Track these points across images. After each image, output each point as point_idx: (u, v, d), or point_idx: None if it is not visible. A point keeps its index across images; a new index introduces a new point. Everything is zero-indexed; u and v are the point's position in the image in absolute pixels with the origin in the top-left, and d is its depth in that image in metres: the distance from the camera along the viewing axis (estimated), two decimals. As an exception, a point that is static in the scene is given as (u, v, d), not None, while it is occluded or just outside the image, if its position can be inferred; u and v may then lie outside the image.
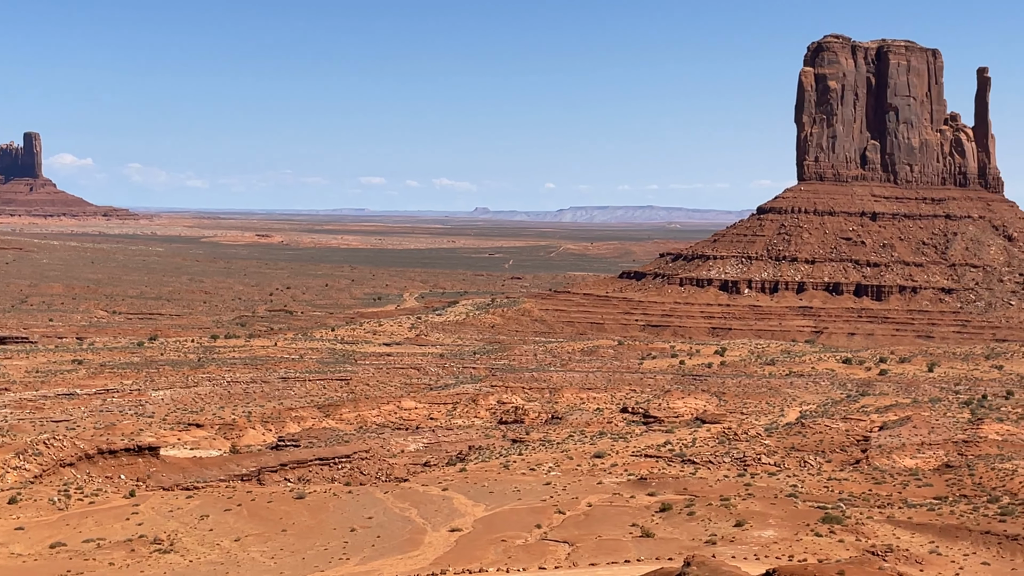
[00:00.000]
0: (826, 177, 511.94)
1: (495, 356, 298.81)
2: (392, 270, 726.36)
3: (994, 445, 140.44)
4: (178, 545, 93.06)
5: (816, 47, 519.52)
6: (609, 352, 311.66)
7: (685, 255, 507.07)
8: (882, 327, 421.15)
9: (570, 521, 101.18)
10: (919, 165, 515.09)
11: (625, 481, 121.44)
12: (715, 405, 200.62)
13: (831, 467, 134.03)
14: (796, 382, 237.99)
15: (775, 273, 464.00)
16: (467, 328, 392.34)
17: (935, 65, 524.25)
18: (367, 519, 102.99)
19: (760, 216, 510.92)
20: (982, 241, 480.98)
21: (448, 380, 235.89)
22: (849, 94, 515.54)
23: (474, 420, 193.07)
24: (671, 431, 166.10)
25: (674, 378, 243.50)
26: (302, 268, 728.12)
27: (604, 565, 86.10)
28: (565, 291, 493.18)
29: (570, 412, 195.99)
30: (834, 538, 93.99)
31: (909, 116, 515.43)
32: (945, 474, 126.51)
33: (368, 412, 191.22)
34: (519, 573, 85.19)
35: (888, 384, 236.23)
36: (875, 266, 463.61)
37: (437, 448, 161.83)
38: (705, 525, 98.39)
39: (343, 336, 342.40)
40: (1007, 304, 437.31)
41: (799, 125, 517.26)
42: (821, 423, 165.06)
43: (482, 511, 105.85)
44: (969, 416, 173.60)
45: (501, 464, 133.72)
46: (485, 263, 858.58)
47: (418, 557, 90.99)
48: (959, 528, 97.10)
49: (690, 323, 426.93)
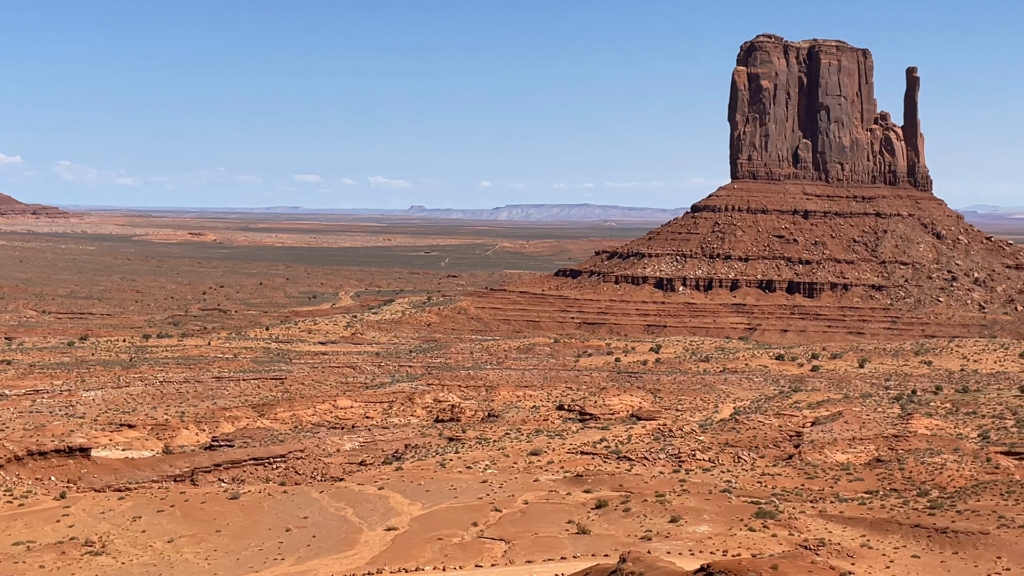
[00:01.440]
0: (759, 176, 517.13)
1: (431, 354, 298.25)
2: (327, 269, 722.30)
3: (923, 440, 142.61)
4: (110, 547, 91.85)
5: (749, 47, 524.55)
6: (545, 350, 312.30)
7: (621, 253, 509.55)
8: (814, 324, 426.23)
9: (507, 519, 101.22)
10: (850, 164, 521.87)
11: (561, 478, 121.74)
12: (650, 402, 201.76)
13: (764, 462, 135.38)
14: (730, 379, 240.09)
15: (709, 271, 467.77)
16: (403, 326, 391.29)
17: (865, 65, 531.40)
18: (302, 519, 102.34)
19: (694, 214, 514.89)
20: (911, 239, 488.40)
21: (384, 379, 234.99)
22: (781, 93, 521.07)
23: (410, 419, 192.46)
24: (607, 428, 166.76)
25: (610, 375, 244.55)
26: (236, 267, 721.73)
27: (540, 562, 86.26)
28: (501, 289, 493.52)
29: (506, 410, 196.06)
30: (767, 532, 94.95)
31: (840, 115, 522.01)
32: (876, 469, 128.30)
33: (303, 411, 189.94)
34: (456, 571, 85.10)
35: (820, 380, 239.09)
36: (807, 263, 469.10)
37: (373, 447, 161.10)
38: (641, 521, 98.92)
39: (278, 335, 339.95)
40: (936, 301, 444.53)
41: (732, 124, 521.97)
42: (755, 419, 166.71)
43: (418, 510, 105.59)
44: (899, 411, 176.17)
45: (438, 462, 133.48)
46: (421, 261, 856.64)
47: (354, 556, 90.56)
48: (890, 522, 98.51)
49: (626, 321, 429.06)
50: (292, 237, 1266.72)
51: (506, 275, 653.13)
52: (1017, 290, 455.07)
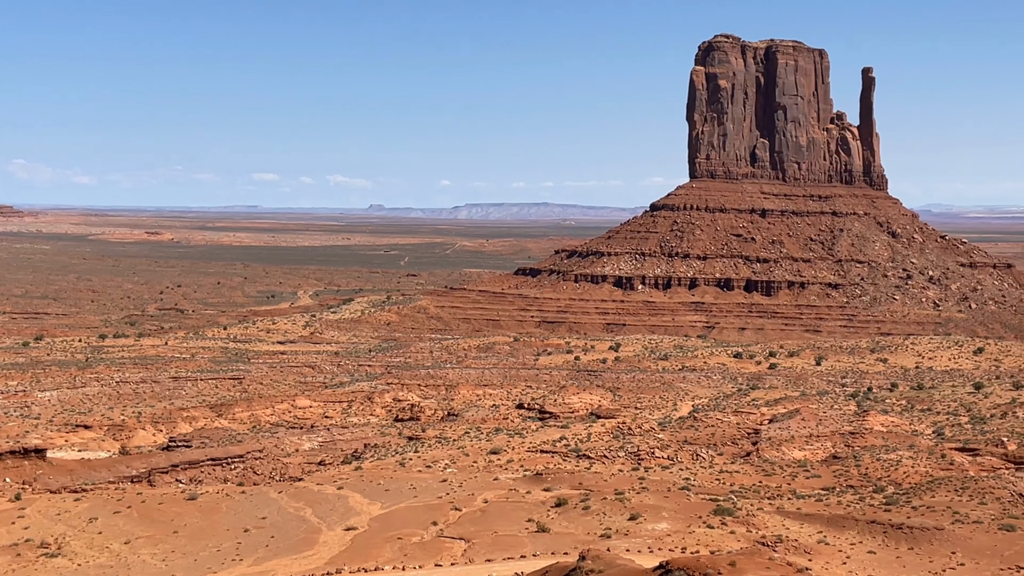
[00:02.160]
0: (717, 175, 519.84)
1: (391, 354, 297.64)
2: (286, 268, 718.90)
3: (879, 436, 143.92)
4: (66, 549, 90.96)
5: (707, 46, 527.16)
6: (505, 348, 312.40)
7: (580, 252, 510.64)
8: (772, 322, 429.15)
9: (466, 518, 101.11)
10: (807, 163, 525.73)
11: (521, 477, 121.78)
12: (610, 400, 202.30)
13: (723, 460, 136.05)
14: (689, 377, 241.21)
15: (668, 269, 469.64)
16: (363, 326, 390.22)
17: (822, 65, 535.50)
18: (261, 519, 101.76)
19: (653, 213, 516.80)
20: (867, 237, 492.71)
21: (343, 378, 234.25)
22: (739, 93, 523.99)
23: (370, 418, 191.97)
24: (566, 426, 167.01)
25: (569, 374, 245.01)
26: (193, 266, 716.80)
27: (500, 561, 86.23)
28: (461, 288, 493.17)
29: (466, 409, 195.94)
30: (726, 530, 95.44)
31: (797, 115, 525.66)
32: (832, 465, 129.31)
33: (262, 411, 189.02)
34: (415, 571, 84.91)
35: (777, 378, 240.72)
36: (765, 262, 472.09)
37: (332, 447, 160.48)
38: (600, 519, 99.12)
39: (236, 335, 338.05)
40: (891, 299, 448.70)
41: (691, 123, 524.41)
42: (713, 417, 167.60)
43: (378, 509, 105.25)
44: (855, 408, 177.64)
45: (397, 462, 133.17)
46: (381, 260, 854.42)
47: (313, 557, 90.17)
48: (846, 518, 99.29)
49: (585, 319, 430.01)
50: (250, 236, 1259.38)
51: (466, 274, 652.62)
52: (971, 288, 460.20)
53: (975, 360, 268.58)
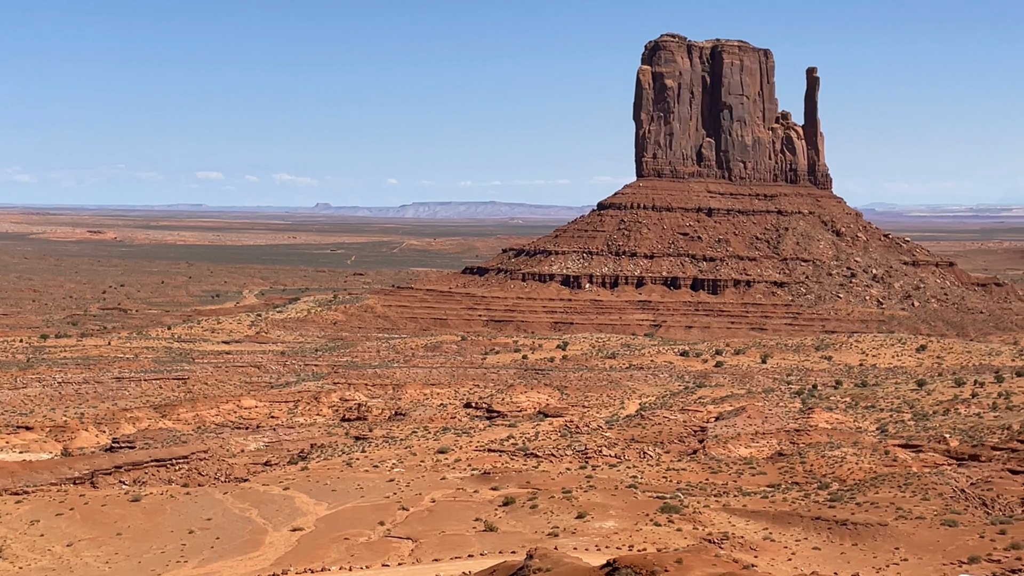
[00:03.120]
0: (664, 174, 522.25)
1: (338, 353, 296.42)
2: (231, 267, 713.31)
3: (824, 433, 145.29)
4: (7, 552, 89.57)
5: (653, 46, 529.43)
6: (452, 348, 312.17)
7: (527, 250, 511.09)
8: (718, 320, 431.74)
9: (414, 517, 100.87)
10: (752, 162, 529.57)
11: (469, 476, 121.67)
12: (557, 399, 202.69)
13: (670, 457, 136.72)
14: (636, 375, 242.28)
15: (615, 268, 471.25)
16: (309, 325, 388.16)
17: (767, 65, 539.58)
18: (206, 520, 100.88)
19: (600, 212, 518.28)
20: (812, 236, 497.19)
21: (290, 378, 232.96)
22: (685, 92, 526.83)
23: (316, 418, 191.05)
24: (514, 425, 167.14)
25: (517, 372, 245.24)
26: (137, 265, 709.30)
27: (448, 560, 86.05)
28: (408, 287, 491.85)
29: (414, 408, 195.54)
30: (672, 527, 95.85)
31: (742, 114, 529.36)
32: (778, 462, 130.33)
33: (207, 411, 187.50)
34: (362, 571, 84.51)
35: (724, 375, 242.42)
36: (711, 260, 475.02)
37: (278, 447, 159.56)
38: (548, 518, 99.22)
39: (180, 334, 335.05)
40: (835, 297, 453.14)
41: (637, 122, 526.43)
42: (660, 415, 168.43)
43: (324, 510, 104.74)
44: (800, 405, 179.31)
45: (344, 462, 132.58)
46: (327, 259, 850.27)
47: (259, 558, 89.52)
48: (791, 514, 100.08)
49: (533, 318, 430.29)
50: (195, 235, 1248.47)
51: (413, 273, 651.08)
52: (913, 286, 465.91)
53: (918, 357, 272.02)
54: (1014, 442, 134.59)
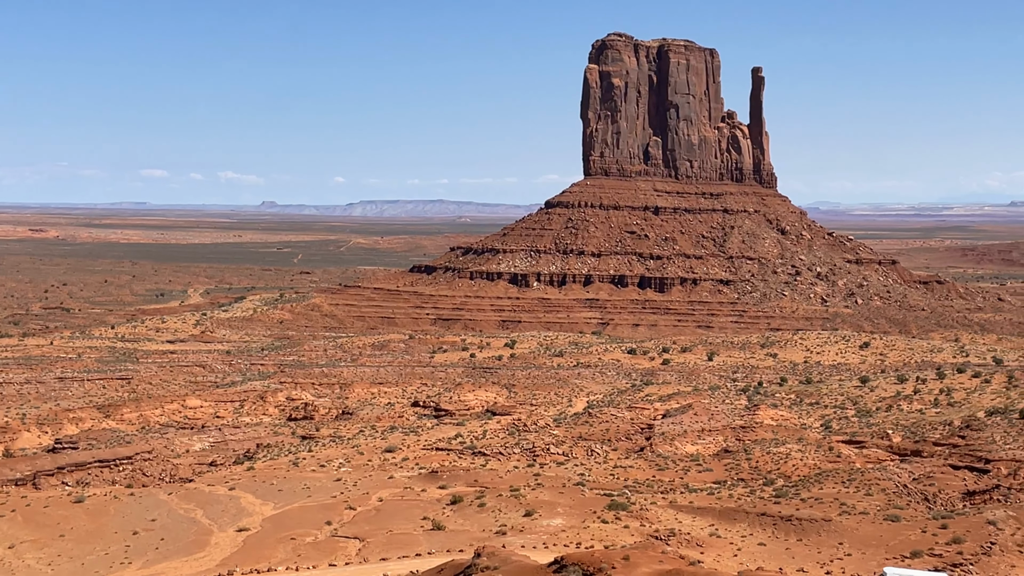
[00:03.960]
0: (611, 172, 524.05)
1: (284, 352, 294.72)
2: (176, 265, 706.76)
3: (769, 430, 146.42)
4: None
5: (600, 45, 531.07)
6: (400, 346, 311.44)
7: (475, 249, 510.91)
8: (665, 318, 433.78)
9: (361, 517, 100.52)
10: (698, 161, 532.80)
11: (416, 475, 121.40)
12: (505, 397, 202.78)
13: (617, 455, 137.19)
14: (583, 373, 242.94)
15: (563, 266, 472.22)
16: (255, 324, 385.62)
17: (713, 64, 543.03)
18: (150, 521, 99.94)
19: (548, 210, 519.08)
20: (757, 234, 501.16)
21: (235, 377, 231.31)
22: (632, 91, 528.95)
23: (262, 417, 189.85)
24: (462, 424, 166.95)
25: (465, 371, 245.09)
26: (80, 264, 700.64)
27: (395, 559, 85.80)
28: (355, 285, 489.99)
29: (361, 407, 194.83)
30: (620, 524, 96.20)
31: (689, 113, 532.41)
32: (724, 459, 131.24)
33: (151, 412, 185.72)
34: (309, 571, 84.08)
35: (671, 373, 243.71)
36: (658, 259, 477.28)
37: (224, 447, 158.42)
38: (495, 516, 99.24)
39: (124, 334, 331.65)
40: (780, 295, 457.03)
41: (585, 121, 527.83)
42: (607, 412, 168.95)
43: (271, 510, 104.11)
44: (746, 403, 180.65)
45: (290, 461, 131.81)
46: (273, 258, 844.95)
47: (204, 559, 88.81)
48: (737, 511, 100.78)
49: (480, 316, 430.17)
50: (138, 233, 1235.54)
51: (360, 271, 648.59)
52: (857, 284, 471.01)
53: (861, 354, 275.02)
54: (955, 438, 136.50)
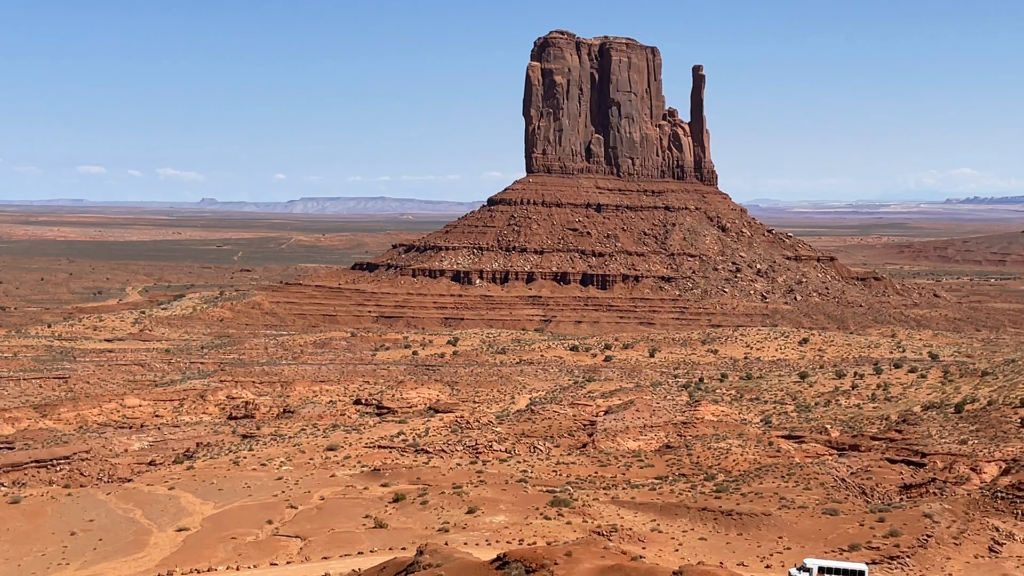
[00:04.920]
0: (553, 169, 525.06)
1: (224, 350, 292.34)
2: (114, 263, 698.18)
3: (710, 426, 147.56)
4: None
5: (543, 42, 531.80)
6: (342, 344, 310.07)
7: (418, 246, 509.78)
8: (607, 315, 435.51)
9: (303, 515, 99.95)
10: (640, 158, 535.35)
11: (358, 473, 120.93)
12: (448, 394, 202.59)
13: (559, 452, 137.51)
14: (526, 370, 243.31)
15: (506, 263, 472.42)
16: (195, 322, 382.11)
17: (654, 62, 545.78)
18: (88, 522, 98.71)
19: (491, 207, 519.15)
20: (698, 231, 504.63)
21: (175, 376, 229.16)
22: (574, 89, 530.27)
23: (202, 416, 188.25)
24: (404, 422, 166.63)
25: (407, 369, 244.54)
26: (15, 261, 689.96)
27: (337, 558, 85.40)
28: (297, 283, 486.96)
29: (302, 405, 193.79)
30: (562, 520, 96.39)
31: (630, 111, 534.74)
32: (665, 455, 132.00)
33: (89, 411, 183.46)
34: (250, 571, 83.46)
35: (612, 370, 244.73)
36: (600, 256, 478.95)
37: (163, 446, 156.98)
38: (438, 513, 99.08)
39: (61, 332, 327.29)
40: (721, 291, 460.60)
41: (527, 118, 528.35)
42: (550, 409, 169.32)
43: (211, 509, 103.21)
44: (687, 398, 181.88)
45: (231, 460, 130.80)
46: (213, 255, 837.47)
47: (143, 559, 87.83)
48: (678, 506, 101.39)
49: (423, 314, 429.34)
50: (75, 231, 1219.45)
51: (301, 269, 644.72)
52: (796, 281, 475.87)
53: (800, 350, 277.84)
54: (892, 432, 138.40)
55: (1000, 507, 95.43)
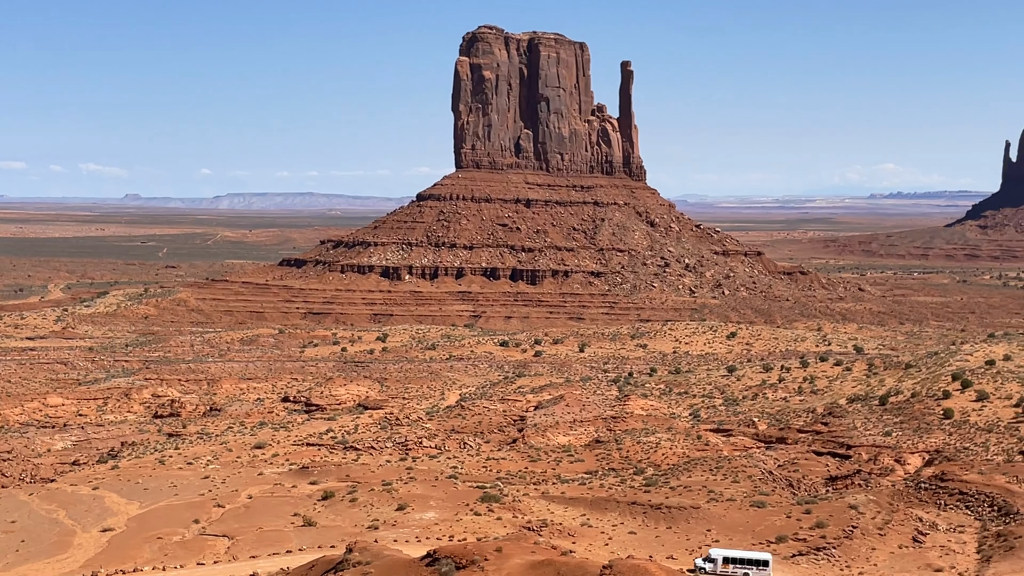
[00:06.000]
0: (483, 165, 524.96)
1: (149, 348, 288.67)
2: (35, 260, 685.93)
3: (639, 420, 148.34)
4: None
5: (471, 37, 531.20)
6: (270, 341, 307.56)
7: (346, 242, 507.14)
8: (537, 310, 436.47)
9: (230, 514, 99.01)
10: (569, 154, 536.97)
11: (287, 471, 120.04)
12: (377, 391, 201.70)
13: (490, 447, 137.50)
14: (456, 366, 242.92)
15: (435, 259, 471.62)
16: (119, 320, 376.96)
17: (582, 58, 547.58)
18: (10, 523, 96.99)
19: (420, 203, 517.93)
20: (627, 227, 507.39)
21: (99, 374, 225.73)
22: (503, 84, 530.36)
23: (127, 415, 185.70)
24: (333, 419, 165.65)
25: (336, 365, 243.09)
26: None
27: (265, 557, 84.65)
28: (223, 280, 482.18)
29: (229, 403, 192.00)
30: (492, 516, 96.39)
31: (559, 106, 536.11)
32: (595, 449, 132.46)
33: (10, 410, 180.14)
34: (176, 571, 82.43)
35: (543, 365, 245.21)
36: (530, 251, 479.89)
37: (87, 446, 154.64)
38: (368, 511, 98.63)
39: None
40: (650, 286, 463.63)
41: (456, 114, 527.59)
42: (480, 405, 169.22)
43: (136, 509, 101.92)
44: (617, 393, 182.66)
45: (157, 459, 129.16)
46: (138, 252, 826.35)
47: (67, 560, 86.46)
48: (608, 500, 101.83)
49: (352, 310, 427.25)
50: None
51: (228, 265, 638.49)
52: (724, 275, 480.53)
53: (728, 344, 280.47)
54: (818, 424, 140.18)
55: (924, 498, 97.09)
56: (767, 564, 76.82)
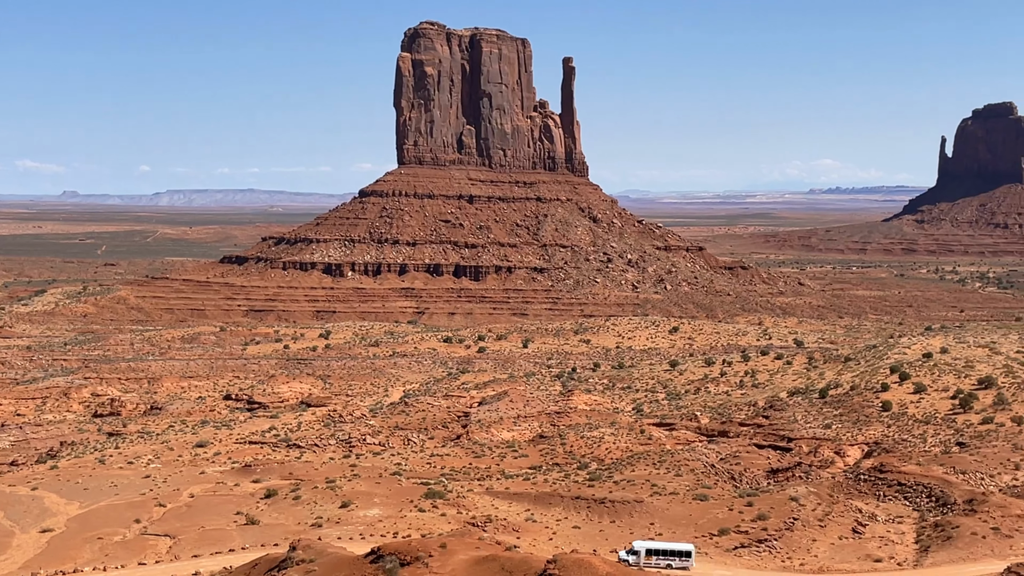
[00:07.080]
0: (425, 161, 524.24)
1: (88, 347, 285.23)
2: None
3: (583, 415, 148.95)
4: None
5: (413, 33, 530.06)
6: (211, 339, 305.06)
7: (288, 239, 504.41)
8: (480, 306, 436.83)
9: (171, 513, 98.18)
10: (512, 150, 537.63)
11: (229, 469, 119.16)
12: (320, 388, 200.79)
13: (434, 444, 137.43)
14: (400, 362, 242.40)
15: (378, 255, 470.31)
16: (57, 318, 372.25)
17: (524, 54, 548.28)
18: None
19: (362, 199, 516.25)
20: (570, 222, 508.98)
21: (37, 373, 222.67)
22: (445, 80, 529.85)
23: (66, 414, 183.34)
24: (276, 416, 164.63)
25: (279, 363, 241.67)
26: None
27: (208, 556, 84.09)
28: (163, 277, 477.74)
29: (170, 402, 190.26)
30: (437, 512, 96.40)
31: (502, 103, 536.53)
32: (539, 444, 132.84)
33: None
34: (117, 571, 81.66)
35: (486, 361, 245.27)
36: (473, 247, 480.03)
37: (25, 446, 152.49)
38: (311, 508, 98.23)
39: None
40: (593, 281, 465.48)
41: (398, 110, 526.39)
42: (424, 401, 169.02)
43: (76, 509, 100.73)
44: (561, 388, 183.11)
45: (96, 459, 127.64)
46: (76, 250, 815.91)
47: (6, 561, 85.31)
48: (552, 495, 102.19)
49: (295, 307, 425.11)
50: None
51: (168, 263, 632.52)
52: (666, 270, 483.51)
53: (671, 339, 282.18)
54: (759, 418, 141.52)
55: (863, 489, 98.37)
56: (689, 555, 78.09)
